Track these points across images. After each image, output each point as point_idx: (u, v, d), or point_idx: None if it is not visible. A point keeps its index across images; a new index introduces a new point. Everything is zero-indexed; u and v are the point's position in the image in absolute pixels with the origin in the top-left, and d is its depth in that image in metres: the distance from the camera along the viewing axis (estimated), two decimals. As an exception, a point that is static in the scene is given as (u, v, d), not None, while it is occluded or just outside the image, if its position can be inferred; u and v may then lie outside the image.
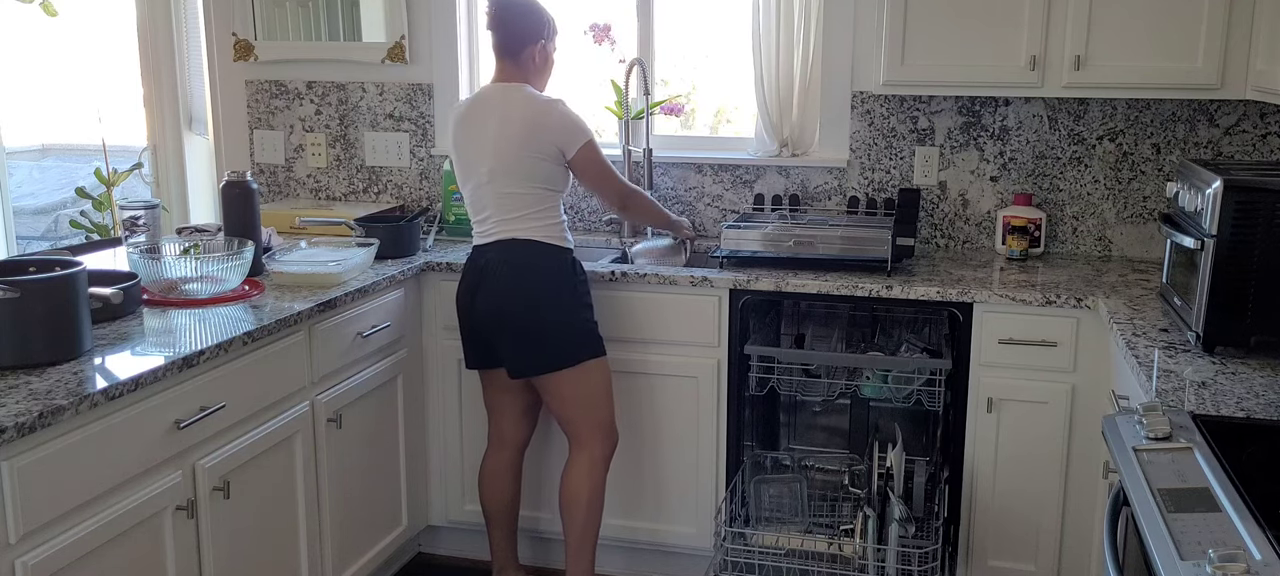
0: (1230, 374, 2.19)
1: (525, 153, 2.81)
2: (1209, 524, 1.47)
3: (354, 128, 3.96)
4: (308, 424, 2.72)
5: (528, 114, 2.84)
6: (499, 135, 2.83)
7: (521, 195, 2.84)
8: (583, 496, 2.95)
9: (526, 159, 2.82)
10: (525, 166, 2.82)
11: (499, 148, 2.83)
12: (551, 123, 2.84)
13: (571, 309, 2.87)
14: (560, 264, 2.88)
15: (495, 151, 2.83)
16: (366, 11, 3.87)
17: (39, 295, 2.11)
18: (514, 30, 2.89)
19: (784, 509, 3.21)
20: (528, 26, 2.89)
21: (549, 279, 2.85)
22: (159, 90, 4.46)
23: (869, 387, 3.14)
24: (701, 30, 3.85)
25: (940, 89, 3.26)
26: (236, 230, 2.90)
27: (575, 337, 2.88)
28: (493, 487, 3.10)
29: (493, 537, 3.14)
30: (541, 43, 2.91)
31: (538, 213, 2.86)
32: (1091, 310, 2.83)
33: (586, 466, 2.95)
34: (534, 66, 2.92)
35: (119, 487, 2.09)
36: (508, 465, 3.09)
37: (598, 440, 2.96)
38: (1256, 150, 3.26)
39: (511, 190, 2.84)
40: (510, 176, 2.83)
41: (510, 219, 2.85)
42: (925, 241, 3.55)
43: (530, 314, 2.84)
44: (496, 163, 2.83)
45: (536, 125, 2.82)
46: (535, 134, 2.82)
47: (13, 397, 1.94)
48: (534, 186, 2.84)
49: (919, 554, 2.79)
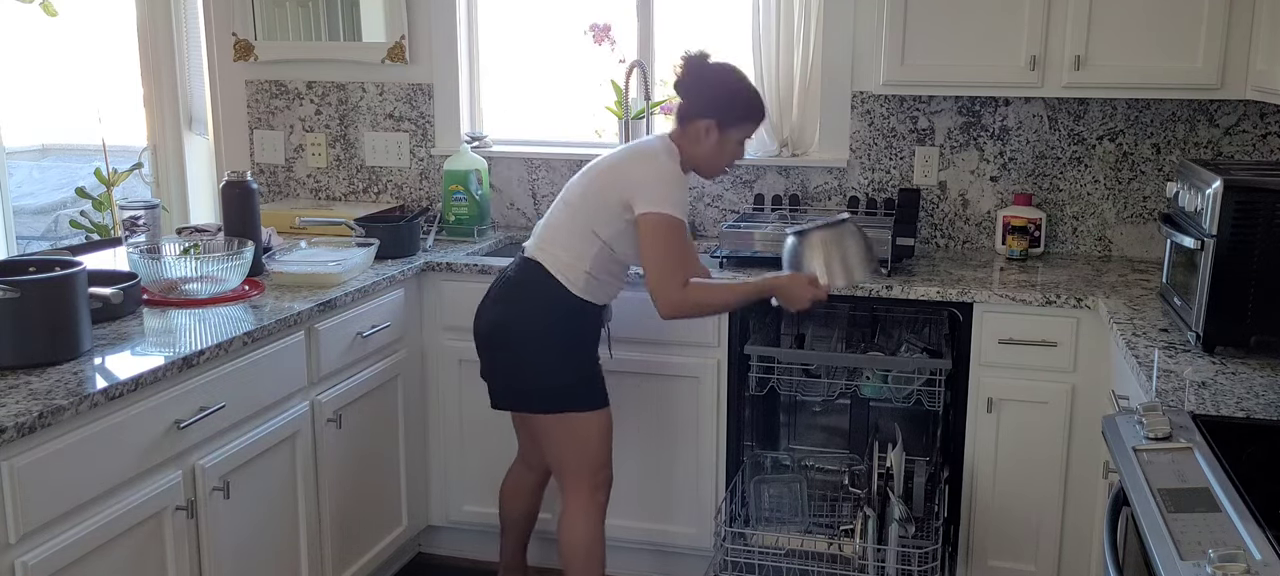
0: (1230, 374, 2.19)
1: (601, 185, 2.65)
2: (1209, 524, 1.47)
3: (354, 128, 3.96)
4: (308, 424, 2.72)
5: (629, 155, 2.69)
6: (602, 163, 2.71)
7: (568, 224, 2.67)
8: (580, 548, 2.79)
9: (596, 192, 2.65)
10: (592, 199, 2.65)
11: (594, 172, 2.70)
12: (639, 173, 2.61)
13: (557, 351, 2.67)
14: (558, 299, 2.64)
15: (589, 173, 2.71)
16: (366, 11, 3.87)
17: (39, 295, 2.11)
18: (690, 95, 2.67)
19: (784, 509, 3.21)
20: (703, 101, 2.65)
21: (534, 306, 2.65)
22: (159, 90, 4.46)
23: (869, 387, 3.12)
24: (701, 30, 3.84)
25: (940, 89, 3.26)
26: (236, 230, 2.89)
27: (560, 386, 2.68)
28: (513, 502, 3.04)
29: (504, 542, 3.10)
30: (710, 123, 2.64)
31: (570, 247, 2.65)
32: (1091, 310, 2.83)
33: (579, 517, 2.77)
34: (697, 139, 2.66)
35: (119, 487, 2.09)
36: (532, 487, 3.02)
37: (586, 489, 2.76)
38: (1256, 150, 3.26)
39: (566, 216, 2.68)
40: (577, 202, 2.68)
41: (545, 240, 2.70)
42: (925, 241, 3.55)
43: (506, 338, 2.68)
44: (582, 185, 2.70)
45: (624, 169, 2.65)
46: (619, 174, 2.64)
47: (13, 397, 1.94)
48: (585, 220, 2.65)
49: (919, 554, 2.79)
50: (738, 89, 2.70)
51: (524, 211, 3.86)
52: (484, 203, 3.65)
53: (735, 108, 2.67)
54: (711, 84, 2.68)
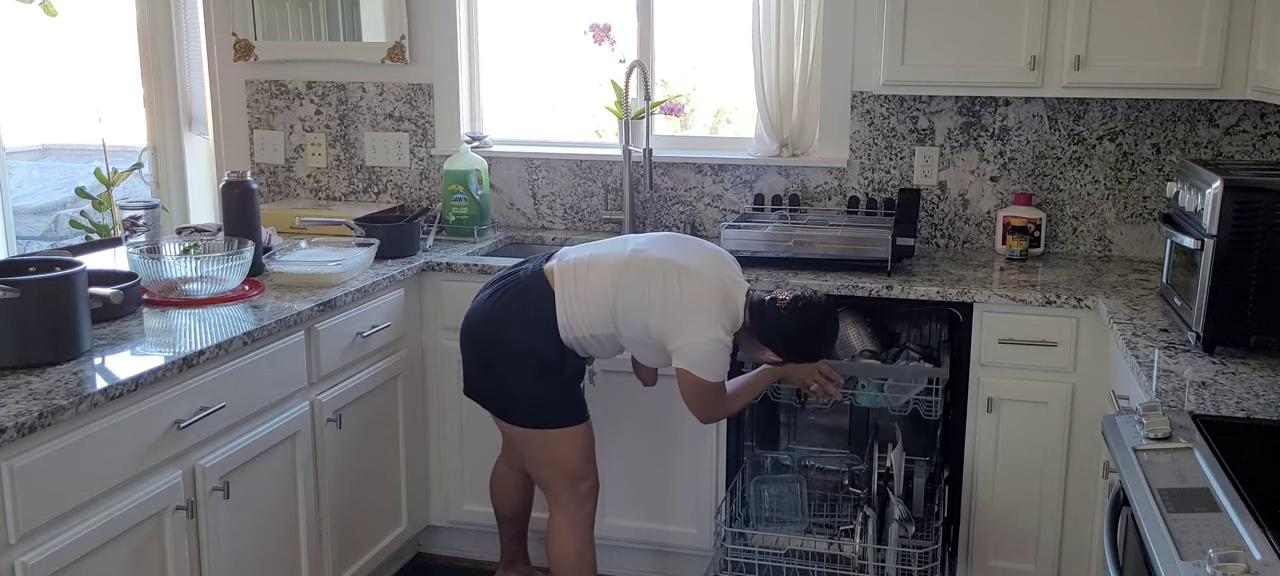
0: (1230, 374, 2.19)
1: (647, 299, 2.56)
2: (1209, 524, 1.47)
3: (354, 128, 3.96)
4: (308, 424, 2.72)
5: (691, 305, 2.55)
6: (671, 266, 2.57)
7: (600, 296, 2.59)
8: (569, 558, 2.77)
9: (640, 302, 2.57)
10: (630, 299, 2.57)
11: (658, 267, 2.58)
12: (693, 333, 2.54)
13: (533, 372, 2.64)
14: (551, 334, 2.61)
15: (655, 261, 2.59)
16: (366, 11, 3.87)
17: (39, 295, 2.11)
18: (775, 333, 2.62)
19: (784, 509, 3.21)
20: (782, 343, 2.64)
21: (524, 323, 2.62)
22: (159, 90, 4.46)
23: (865, 397, 3.00)
24: (701, 30, 3.85)
25: (940, 89, 3.26)
26: (236, 230, 2.89)
27: (532, 402, 2.67)
28: (503, 495, 3.06)
29: (503, 535, 3.12)
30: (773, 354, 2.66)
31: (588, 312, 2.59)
32: (1091, 310, 2.83)
33: (566, 527, 2.76)
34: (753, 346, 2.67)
35: (119, 487, 2.09)
36: (518, 482, 3.01)
37: (569, 500, 2.74)
38: (1256, 150, 3.26)
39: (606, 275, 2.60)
40: (621, 275, 2.59)
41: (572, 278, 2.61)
42: (925, 241, 3.55)
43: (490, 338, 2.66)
44: (641, 263, 2.60)
45: (678, 314, 2.55)
46: (668, 313, 2.55)
47: (13, 397, 1.94)
48: (611, 302, 2.59)
49: (919, 554, 2.79)
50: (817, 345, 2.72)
51: (524, 211, 3.86)
52: (484, 203, 3.65)
53: (802, 354, 2.71)
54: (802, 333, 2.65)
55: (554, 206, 3.83)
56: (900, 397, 2.96)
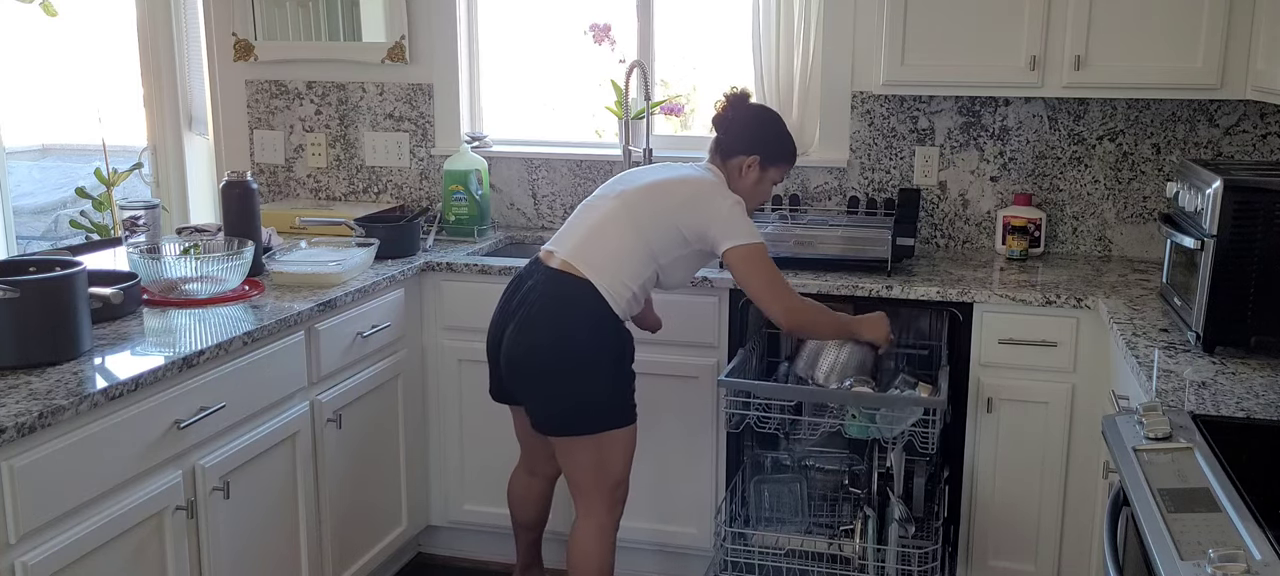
0: (1230, 374, 2.19)
1: (669, 211, 2.61)
2: (1209, 524, 1.47)
3: (354, 128, 3.96)
4: (308, 424, 2.72)
5: (694, 190, 2.63)
6: (657, 184, 2.66)
7: (632, 244, 2.60)
8: (593, 565, 2.70)
9: (665, 217, 2.61)
10: (661, 223, 2.61)
11: (648, 191, 2.64)
12: (712, 209, 2.60)
13: (608, 371, 2.60)
14: (608, 319, 2.58)
15: (641, 189, 2.65)
16: (366, 11, 3.88)
17: (39, 295, 2.11)
18: (734, 133, 2.72)
19: (784, 509, 3.21)
20: (748, 137, 2.71)
21: (587, 326, 2.57)
22: (159, 90, 4.45)
23: (855, 427, 2.80)
24: (701, 30, 3.85)
25: (940, 89, 3.26)
26: (236, 230, 2.90)
27: (602, 404, 2.61)
28: (526, 505, 2.98)
29: (520, 542, 3.04)
30: (753, 160, 2.71)
31: (626, 266, 2.59)
32: (1091, 310, 2.83)
33: (594, 534, 2.69)
34: (739, 176, 2.71)
35: (119, 487, 2.09)
36: (539, 493, 2.96)
37: (605, 508, 2.69)
38: (1256, 150, 3.27)
39: (632, 237, 2.61)
40: (648, 224, 2.61)
41: (591, 254, 2.59)
42: (925, 241, 3.55)
43: (558, 363, 2.57)
44: (633, 198, 2.64)
45: (694, 204, 2.61)
46: (689, 208, 2.61)
47: (13, 397, 1.94)
48: (647, 245, 2.60)
49: (919, 554, 2.79)
50: (780, 128, 2.79)
51: (524, 211, 3.86)
52: (484, 203, 3.65)
53: (778, 145, 2.76)
54: (756, 122, 2.77)
55: (554, 206, 3.83)
56: (893, 428, 2.76)
